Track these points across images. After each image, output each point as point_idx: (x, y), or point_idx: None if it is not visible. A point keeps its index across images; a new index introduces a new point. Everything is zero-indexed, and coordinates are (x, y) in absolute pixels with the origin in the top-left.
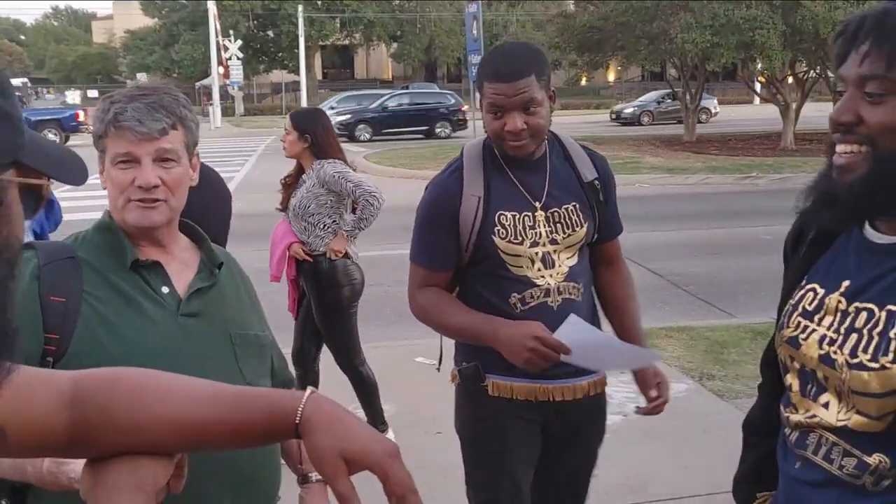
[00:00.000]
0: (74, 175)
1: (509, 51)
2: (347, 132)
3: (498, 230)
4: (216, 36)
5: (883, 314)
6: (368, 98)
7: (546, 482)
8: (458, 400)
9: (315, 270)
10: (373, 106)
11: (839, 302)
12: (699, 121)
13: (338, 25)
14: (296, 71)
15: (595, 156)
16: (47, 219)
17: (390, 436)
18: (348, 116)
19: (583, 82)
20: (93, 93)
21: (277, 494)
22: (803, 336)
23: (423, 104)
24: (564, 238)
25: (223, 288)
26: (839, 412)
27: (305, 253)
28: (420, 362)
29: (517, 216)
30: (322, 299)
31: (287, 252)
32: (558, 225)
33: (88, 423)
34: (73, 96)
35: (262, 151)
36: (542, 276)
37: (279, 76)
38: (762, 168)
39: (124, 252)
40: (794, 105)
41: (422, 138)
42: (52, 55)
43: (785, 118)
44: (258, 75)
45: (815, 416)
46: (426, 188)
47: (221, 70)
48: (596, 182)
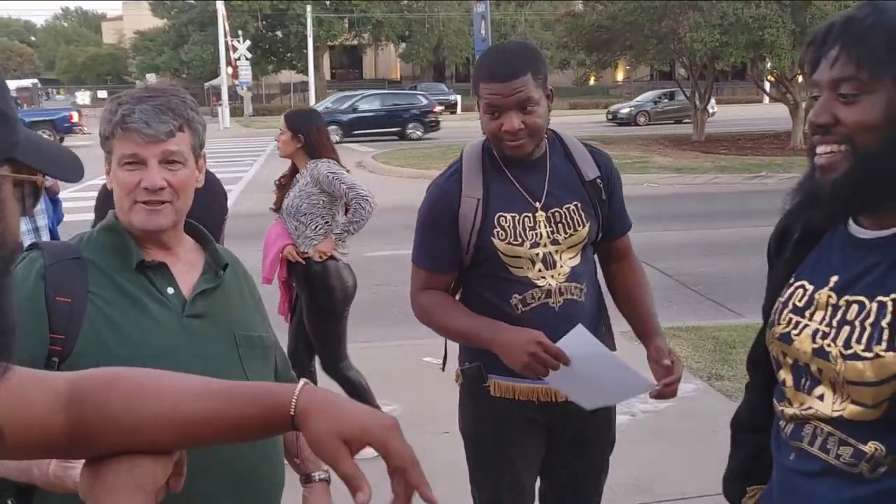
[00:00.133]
0: (71, 172)
1: (504, 50)
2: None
3: (497, 232)
4: (225, 36)
5: (874, 305)
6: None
7: (550, 483)
8: (462, 400)
9: (307, 273)
10: (343, 107)
11: (829, 297)
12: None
13: (346, 25)
14: (304, 71)
15: (597, 153)
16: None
17: None
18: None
19: (591, 82)
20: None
21: (280, 494)
22: (795, 332)
23: (395, 106)
24: (566, 238)
25: (228, 289)
26: (834, 403)
27: (298, 254)
28: (427, 362)
29: (517, 217)
30: (313, 302)
31: (280, 254)
32: (559, 225)
33: (86, 424)
34: (83, 97)
35: (271, 151)
36: (543, 277)
37: (288, 76)
38: (771, 168)
39: (130, 253)
40: (804, 104)
41: (395, 140)
42: (63, 56)
43: (794, 117)
44: (267, 75)
45: (811, 408)
46: (427, 190)
47: (230, 70)
48: (598, 180)
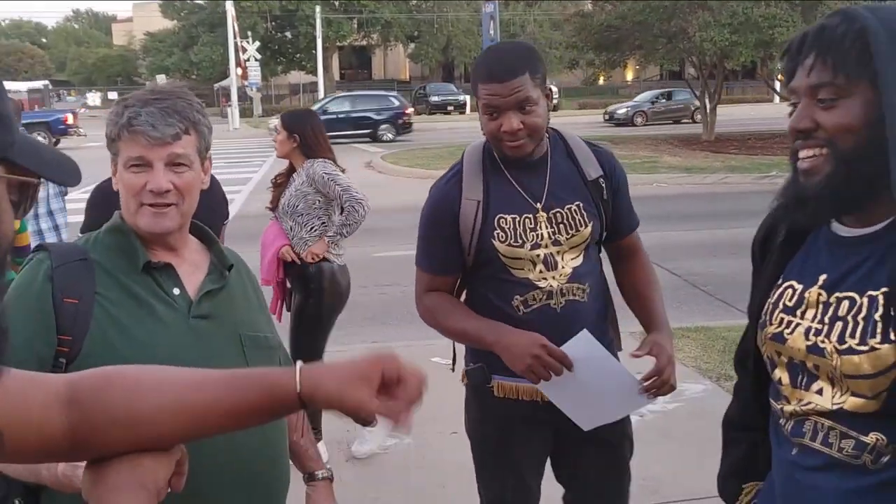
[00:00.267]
0: (68, 176)
1: (502, 50)
2: None
3: (497, 234)
4: (234, 37)
5: (865, 300)
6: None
7: (573, 493)
8: (467, 400)
9: (303, 274)
10: (313, 109)
11: (819, 294)
12: (694, 121)
13: (355, 26)
14: (313, 72)
15: (600, 152)
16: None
17: (378, 429)
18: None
19: (601, 82)
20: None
21: (286, 494)
22: (788, 331)
23: (366, 108)
24: (568, 238)
25: (233, 290)
26: (833, 396)
27: (295, 254)
28: (436, 362)
29: (517, 219)
30: (305, 302)
31: (277, 255)
32: (561, 226)
33: (89, 422)
34: (94, 98)
35: None
36: (545, 279)
37: (297, 77)
38: (782, 167)
39: (136, 254)
40: None
41: (368, 142)
42: (73, 57)
43: None
44: (276, 76)
45: (810, 403)
46: (429, 192)
47: (240, 71)
48: (601, 179)
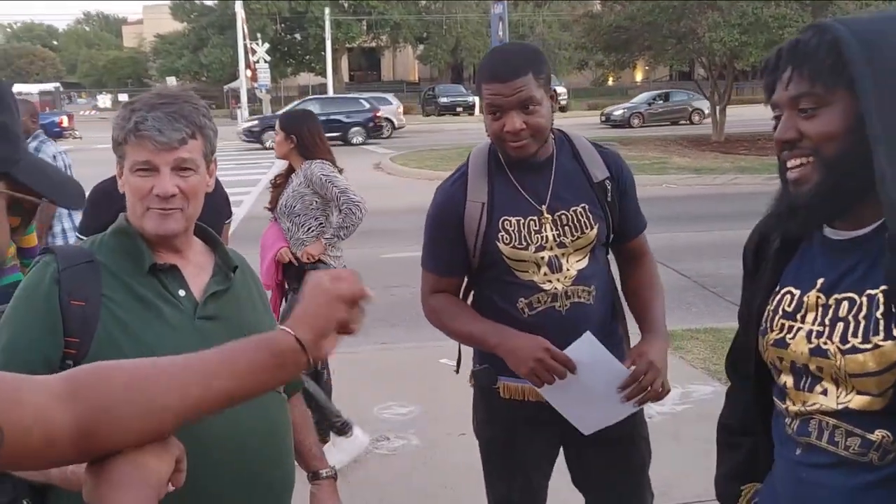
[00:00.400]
0: (71, 199)
1: (506, 51)
2: (255, 139)
3: (502, 236)
4: (244, 39)
5: (864, 299)
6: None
7: (581, 485)
8: (475, 401)
9: (300, 275)
10: (281, 112)
11: (818, 298)
12: (692, 122)
13: (364, 28)
14: (323, 73)
15: (606, 153)
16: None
17: (354, 441)
18: (255, 123)
19: (610, 82)
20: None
21: (291, 493)
22: (790, 336)
23: (336, 111)
24: (573, 241)
25: (237, 291)
26: (839, 396)
27: (293, 255)
28: (444, 364)
29: (521, 221)
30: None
31: (275, 258)
32: (566, 228)
33: (93, 411)
34: (104, 100)
35: None
36: (549, 281)
37: (306, 79)
38: None
39: (142, 256)
40: None
41: (340, 145)
42: (84, 60)
43: None
44: (285, 78)
45: (815, 404)
46: (434, 194)
47: (249, 73)
48: (607, 181)
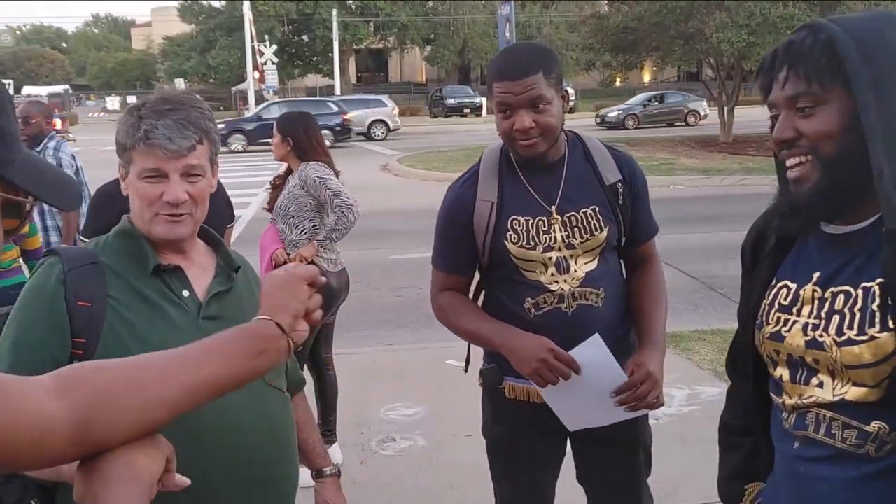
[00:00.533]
0: (66, 199)
1: (516, 50)
2: (221, 142)
3: (510, 235)
4: (252, 41)
5: (860, 292)
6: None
7: (585, 485)
8: (483, 401)
9: None
10: (248, 115)
11: (814, 291)
12: (687, 124)
13: (372, 29)
14: (330, 75)
15: (619, 155)
16: None
17: (334, 450)
18: (222, 126)
19: (617, 83)
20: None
21: (295, 492)
22: (786, 329)
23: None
24: (582, 242)
25: (240, 291)
26: (834, 388)
27: (287, 256)
28: (451, 365)
29: (531, 221)
30: None
31: (272, 259)
32: (575, 229)
33: (93, 404)
34: (113, 102)
35: None
36: (556, 282)
37: (314, 80)
38: None
39: (146, 257)
40: None
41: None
42: (93, 62)
43: None
44: (293, 79)
45: (811, 397)
46: (445, 193)
47: (257, 75)
48: (619, 184)
